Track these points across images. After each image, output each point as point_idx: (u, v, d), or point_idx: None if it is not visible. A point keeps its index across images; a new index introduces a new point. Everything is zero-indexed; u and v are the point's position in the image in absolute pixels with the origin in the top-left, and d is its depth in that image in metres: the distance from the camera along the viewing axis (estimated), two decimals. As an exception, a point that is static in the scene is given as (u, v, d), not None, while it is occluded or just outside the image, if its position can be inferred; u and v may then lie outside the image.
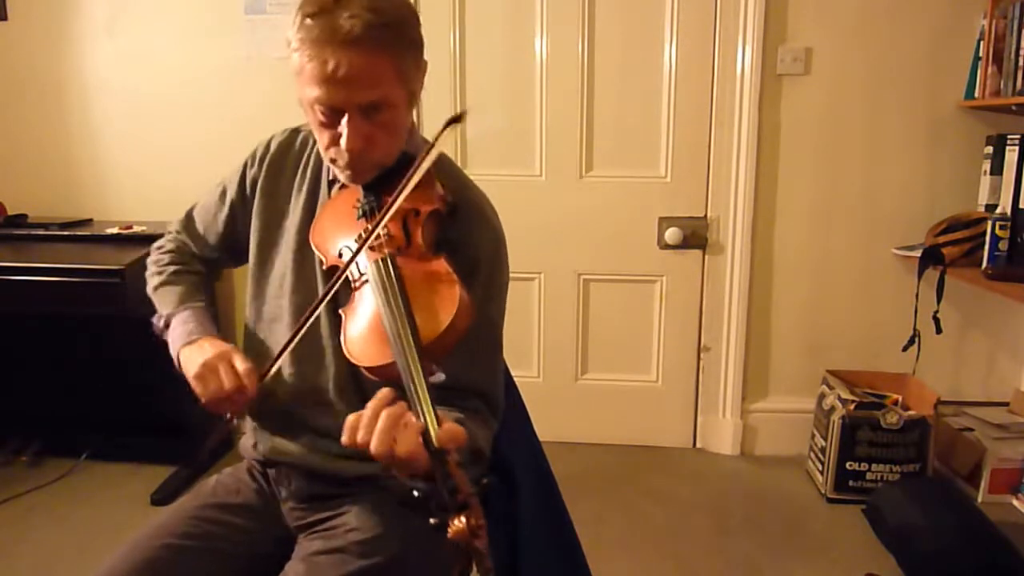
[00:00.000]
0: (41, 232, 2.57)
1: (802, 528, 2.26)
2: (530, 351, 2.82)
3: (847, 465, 2.36)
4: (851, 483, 2.36)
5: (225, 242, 1.28)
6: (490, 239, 1.10)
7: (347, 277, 1.02)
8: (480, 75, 2.66)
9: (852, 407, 2.35)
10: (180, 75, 2.71)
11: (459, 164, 2.90)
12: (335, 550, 1.07)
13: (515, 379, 1.38)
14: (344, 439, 0.86)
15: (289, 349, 1.04)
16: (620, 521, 2.30)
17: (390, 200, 1.00)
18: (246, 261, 1.24)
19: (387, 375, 0.91)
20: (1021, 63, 2.19)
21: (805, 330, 2.68)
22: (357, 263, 1.02)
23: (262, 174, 1.22)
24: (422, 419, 0.82)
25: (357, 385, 1.10)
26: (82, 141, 2.82)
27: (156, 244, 1.34)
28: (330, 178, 1.17)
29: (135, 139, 2.78)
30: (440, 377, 0.91)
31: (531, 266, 2.75)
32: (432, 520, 0.76)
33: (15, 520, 2.30)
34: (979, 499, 2.34)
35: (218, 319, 2.98)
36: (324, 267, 1.10)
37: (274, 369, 1.07)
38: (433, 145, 0.98)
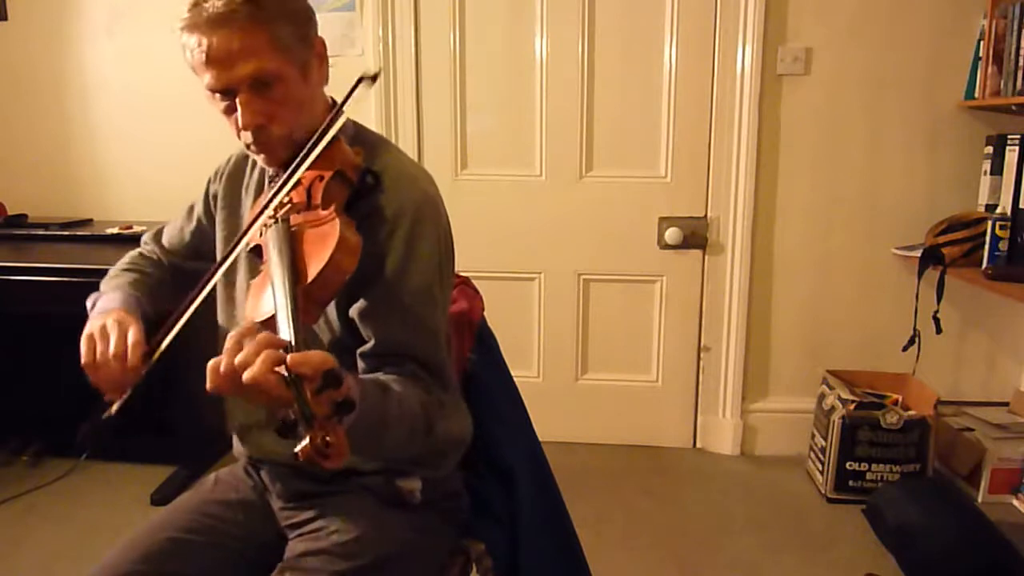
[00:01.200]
0: (41, 232, 2.57)
1: (802, 528, 2.26)
2: (530, 351, 2.82)
3: (847, 465, 2.36)
4: (851, 483, 2.36)
5: (195, 252, 1.32)
6: (412, 199, 1.08)
7: (260, 252, 1.04)
8: (480, 75, 2.66)
9: (852, 407, 2.35)
10: (180, 75, 2.67)
11: (459, 164, 2.93)
12: (320, 552, 1.07)
13: (515, 379, 1.37)
14: (208, 386, 0.84)
15: (179, 325, 1.03)
16: (620, 521, 2.30)
17: (290, 168, 1.02)
18: None
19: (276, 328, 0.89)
20: (1021, 63, 2.19)
21: (805, 330, 2.68)
22: (263, 234, 1.02)
23: (221, 188, 1.26)
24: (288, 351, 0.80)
25: None
26: (82, 141, 2.83)
27: (128, 253, 1.38)
28: (270, 175, 1.17)
29: (135, 139, 2.79)
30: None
31: (531, 266, 2.75)
32: (295, 451, 0.75)
33: (15, 520, 2.30)
34: (979, 499, 2.34)
35: (217, 345, 2.96)
36: (248, 248, 1.10)
37: (162, 346, 1.04)
38: (340, 109, 1.00)
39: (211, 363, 0.83)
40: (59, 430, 2.66)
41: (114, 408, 1.06)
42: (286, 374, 0.77)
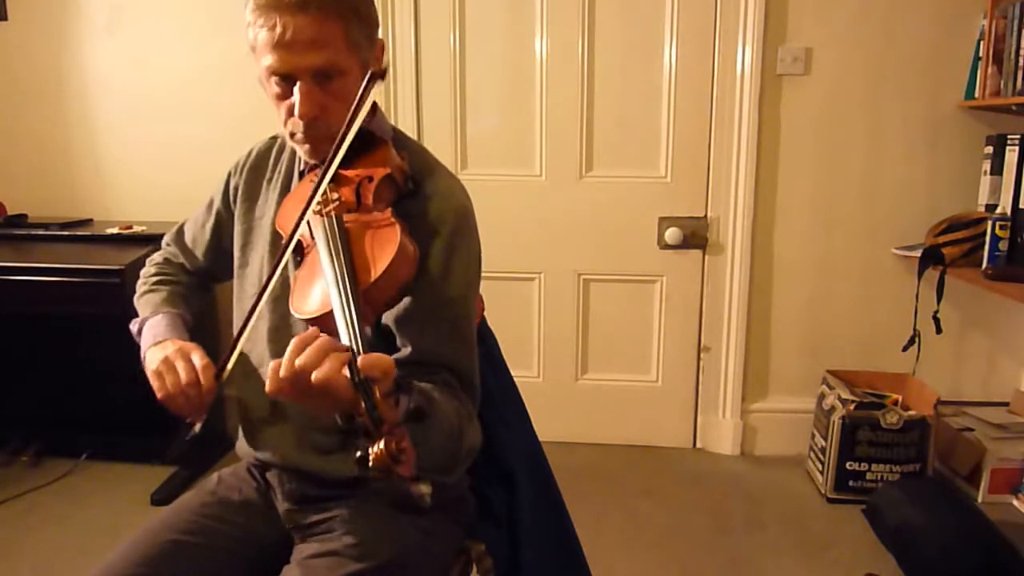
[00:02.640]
0: (41, 232, 2.57)
1: (802, 528, 2.26)
2: (530, 351, 2.82)
3: (847, 465, 2.36)
4: (851, 483, 2.36)
5: (214, 252, 1.31)
6: (449, 211, 1.08)
7: (301, 246, 1.03)
8: (480, 75, 2.66)
9: (852, 407, 2.35)
10: (180, 75, 2.71)
11: (459, 164, 2.92)
12: (329, 553, 1.07)
13: (515, 379, 1.37)
14: (268, 388, 0.83)
15: (243, 338, 1.04)
16: (620, 521, 2.30)
17: (330, 156, 1.00)
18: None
19: (328, 325, 0.88)
20: (1021, 63, 2.19)
21: (805, 330, 2.68)
22: (310, 228, 1.02)
23: (242, 181, 1.26)
24: (353, 354, 0.79)
25: None
26: (82, 141, 2.82)
27: (150, 257, 1.38)
28: (301, 168, 1.18)
29: (135, 139, 2.79)
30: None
31: (531, 266, 2.75)
32: (358, 453, 0.73)
33: (15, 520, 2.30)
34: (979, 499, 2.34)
35: (217, 327, 2.98)
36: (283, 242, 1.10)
37: (231, 362, 1.06)
38: (363, 97, 0.98)
39: (272, 365, 0.83)
40: (59, 430, 2.68)
41: (197, 427, 1.09)
42: (355, 378, 0.76)
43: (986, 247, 2.26)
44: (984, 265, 2.25)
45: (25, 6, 2.75)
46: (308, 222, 1.02)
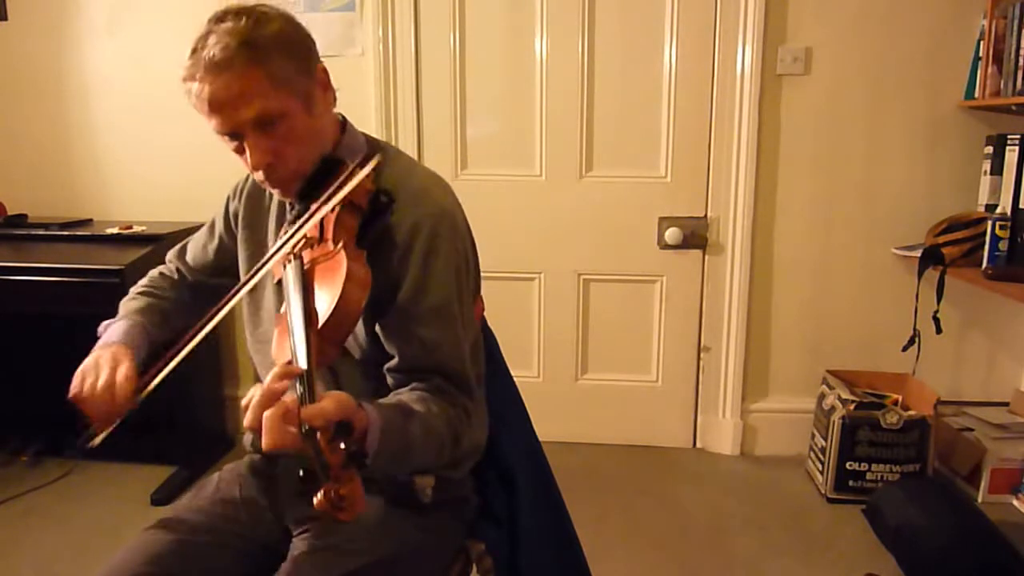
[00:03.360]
0: (41, 232, 2.57)
1: (802, 528, 2.26)
2: (530, 351, 2.82)
3: (847, 465, 2.36)
4: (851, 483, 2.36)
5: (219, 270, 1.33)
6: (426, 215, 1.08)
7: (280, 286, 1.05)
8: (480, 75, 2.66)
9: (852, 407, 2.35)
10: (180, 75, 2.70)
11: (459, 164, 2.92)
12: (327, 548, 1.07)
13: (515, 379, 1.37)
14: (244, 423, 0.88)
15: (170, 367, 1.06)
16: (620, 521, 2.30)
17: (308, 214, 1.03)
18: None
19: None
20: (1021, 63, 2.19)
21: (805, 330, 2.68)
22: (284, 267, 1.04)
23: (242, 207, 1.26)
24: (300, 399, 0.83)
25: (332, 376, 1.13)
26: (82, 141, 2.82)
27: (150, 271, 1.39)
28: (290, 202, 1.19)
29: (135, 139, 2.79)
30: None
31: (531, 266, 2.75)
32: (314, 498, 0.78)
33: (15, 520, 2.30)
34: (979, 499, 2.34)
35: (218, 339, 2.96)
36: (274, 280, 1.14)
37: (151, 387, 1.07)
38: (344, 183, 1.00)
39: (242, 405, 0.88)
40: (59, 430, 2.67)
41: (97, 440, 1.10)
42: (301, 428, 0.80)
43: (986, 247, 2.26)
44: (984, 265, 2.25)
45: (25, 6, 2.75)
46: (284, 265, 1.04)
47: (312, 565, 1.05)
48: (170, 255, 1.40)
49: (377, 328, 1.08)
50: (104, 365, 1.09)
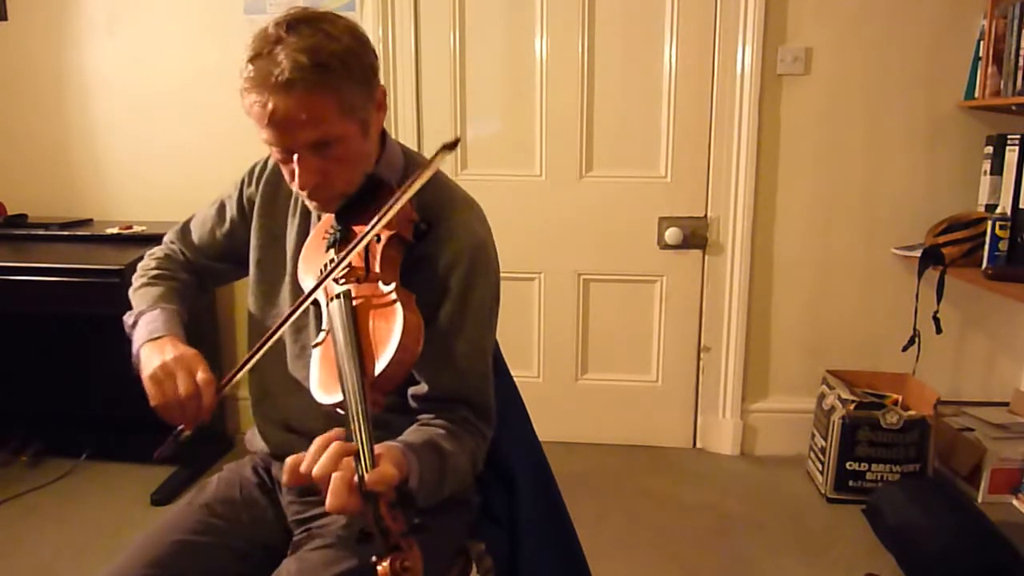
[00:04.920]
0: (41, 232, 2.57)
1: (802, 528, 2.26)
2: (530, 351, 2.82)
3: (847, 465, 2.36)
4: (851, 483, 2.36)
5: (226, 255, 1.29)
6: (465, 249, 1.07)
7: (318, 311, 1.03)
8: (480, 75, 2.66)
9: (852, 407, 2.35)
10: (180, 75, 2.71)
11: (459, 164, 2.92)
12: (326, 547, 1.07)
13: (515, 379, 1.37)
14: (285, 479, 0.87)
15: (247, 368, 1.04)
16: (620, 521, 2.30)
17: (354, 241, 1.00)
18: (246, 274, 1.25)
19: (341, 412, 0.91)
20: (1021, 63, 2.19)
21: (805, 330, 2.68)
22: (323, 297, 1.02)
23: (258, 194, 1.23)
24: (360, 461, 0.82)
25: None
26: (82, 141, 2.82)
27: (149, 251, 1.34)
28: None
29: (135, 139, 2.79)
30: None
31: (531, 266, 2.75)
32: (372, 558, 0.78)
33: (15, 520, 2.30)
34: (979, 499, 2.34)
35: (216, 327, 2.97)
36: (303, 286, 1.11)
37: (230, 385, 1.06)
38: (405, 191, 0.95)
39: (289, 462, 0.86)
40: (59, 430, 2.68)
41: (186, 434, 1.08)
42: (361, 488, 0.80)
43: (986, 247, 2.26)
44: (984, 265, 2.25)
45: (25, 6, 2.75)
46: (325, 290, 1.02)
47: (312, 563, 1.05)
48: (171, 236, 1.34)
49: None
50: (178, 370, 1.06)
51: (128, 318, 1.20)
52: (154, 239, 1.39)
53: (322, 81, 0.95)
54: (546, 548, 1.31)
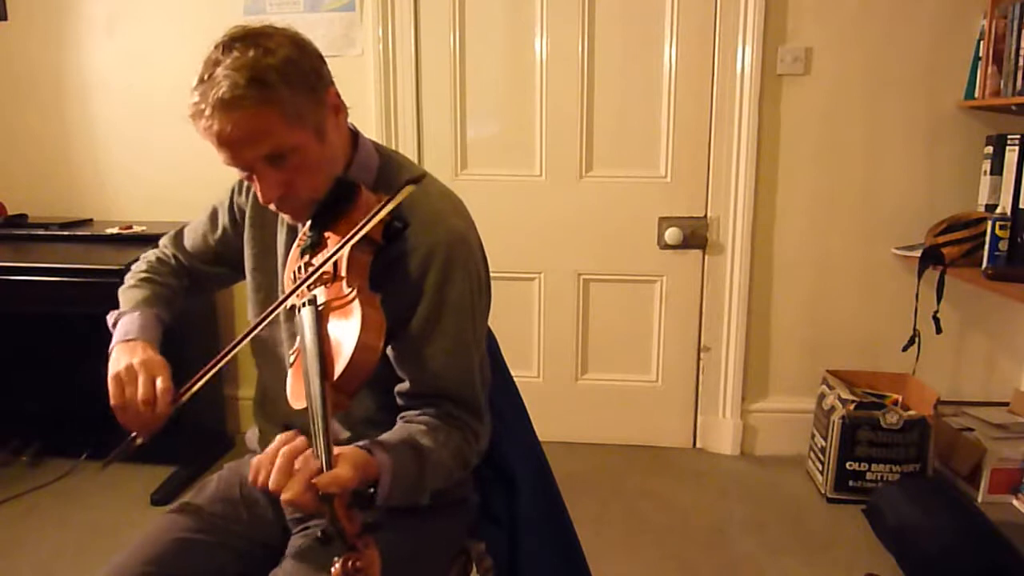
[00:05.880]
0: (41, 232, 2.57)
1: (802, 528, 2.26)
2: (530, 351, 2.82)
3: (847, 465, 2.36)
4: (851, 483, 2.36)
5: (220, 259, 1.31)
6: (441, 242, 1.07)
7: (295, 318, 1.04)
8: (480, 75, 2.66)
9: (852, 407, 2.35)
10: (180, 75, 2.69)
11: (459, 164, 2.92)
12: (324, 546, 1.07)
13: (515, 379, 1.37)
14: (250, 477, 0.88)
15: (208, 376, 1.05)
16: (620, 521, 2.30)
17: (325, 246, 1.02)
18: (243, 278, 1.26)
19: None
20: (1021, 63, 2.19)
21: (805, 330, 2.68)
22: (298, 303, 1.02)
23: (248, 205, 1.24)
24: (318, 461, 0.83)
25: None
26: (82, 141, 2.82)
27: (144, 255, 1.36)
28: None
29: (135, 139, 2.79)
30: None
31: (531, 266, 2.75)
32: (335, 558, 0.79)
33: (15, 520, 2.30)
34: (979, 499, 2.34)
35: (217, 329, 2.96)
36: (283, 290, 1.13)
37: (187, 396, 1.06)
38: (375, 214, 0.98)
39: (253, 463, 0.88)
40: (59, 430, 2.67)
41: (139, 442, 1.10)
42: (319, 490, 0.81)
43: (986, 247, 2.26)
44: (984, 265, 2.25)
45: (25, 6, 2.75)
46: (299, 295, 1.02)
47: (310, 562, 1.05)
48: (165, 241, 1.36)
49: (389, 351, 1.07)
50: (140, 374, 1.07)
51: (110, 317, 1.22)
52: (154, 239, 1.40)
53: (261, 96, 0.95)
54: (546, 548, 1.31)
